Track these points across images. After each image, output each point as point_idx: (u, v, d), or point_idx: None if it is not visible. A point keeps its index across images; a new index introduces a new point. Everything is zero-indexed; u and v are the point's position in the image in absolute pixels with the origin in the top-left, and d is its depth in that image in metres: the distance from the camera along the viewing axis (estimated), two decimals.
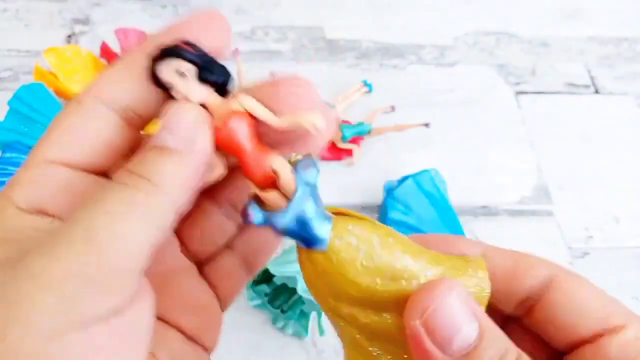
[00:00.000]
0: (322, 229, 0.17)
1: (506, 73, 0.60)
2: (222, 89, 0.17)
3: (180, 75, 0.16)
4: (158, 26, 0.18)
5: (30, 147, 0.45)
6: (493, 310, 0.18)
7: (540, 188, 0.51)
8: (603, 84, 0.60)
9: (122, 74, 0.18)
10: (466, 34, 0.63)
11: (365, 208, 0.48)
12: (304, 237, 0.17)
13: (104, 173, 0.17)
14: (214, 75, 0.16)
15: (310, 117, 0.16)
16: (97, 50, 0.53)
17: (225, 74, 0.17)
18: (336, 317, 0.18)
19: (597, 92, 0.59)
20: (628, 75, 0.61)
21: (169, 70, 0.17)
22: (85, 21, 0.61)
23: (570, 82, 0.60)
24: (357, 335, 0.18)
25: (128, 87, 0.17)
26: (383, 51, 0.60)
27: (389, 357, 0.18)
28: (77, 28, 0.60)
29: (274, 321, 0.41)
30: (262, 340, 0.41)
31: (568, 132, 0.55)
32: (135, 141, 0.18)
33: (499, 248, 0.19)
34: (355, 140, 0.50)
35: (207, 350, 0.20)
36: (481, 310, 0.16)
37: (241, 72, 0.47)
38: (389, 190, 0.45)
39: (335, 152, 0.50)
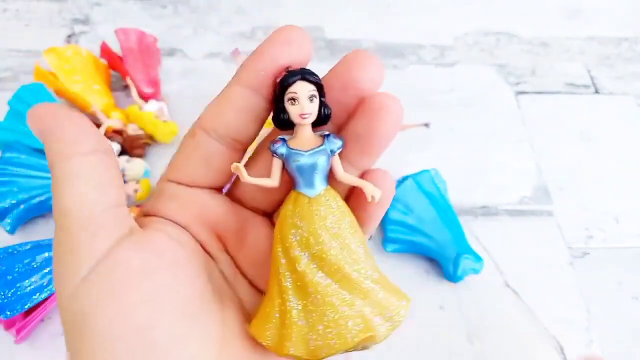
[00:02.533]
0: (319, 182, 0.21)
1: (506, 73, 0.60)
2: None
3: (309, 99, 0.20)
4: (158, 26, 0.18)
5: (30, 147, 0.45)
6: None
7: (540, 188, 0.51)
8: (603, 84, 0.60)
9: (221, 106, 0.21)
10: (466, 34, 0.63)
11: None
12: (304, 178, 0.21)
13: (217, 188, 0.23)
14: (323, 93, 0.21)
15: (370, 188, 0.21)
16: (97, 50, 0.53)
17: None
18: (285, 255, 0.20)
19: (597, 92, 0.59)
20: (628, 75, 0.61)
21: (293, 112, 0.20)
22: (85, 21, 0.61)
23: (570, 82, 0.60)
24: (286, 283, 0.20)
25: (228, 119, 0.21)
26: (383, 51, 0.60)
27: (300, 314, 0.20)
28: (77, 28, 0.60)
29: None
30: None
31: (568, 132, 0.55)
32: (238, 160, 0.22)
33: None
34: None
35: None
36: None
37: None
38: None
39: None
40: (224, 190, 0.23)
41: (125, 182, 0.46)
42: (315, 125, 0.21)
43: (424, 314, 0.42)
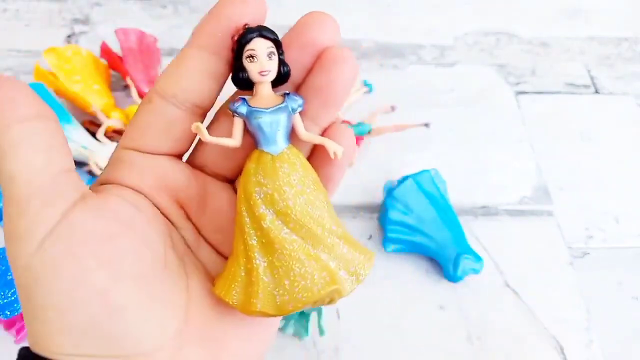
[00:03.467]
0: (281, 140, 0.21)
1: (506, 73, 0.60)
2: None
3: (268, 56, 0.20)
4: (158, 26, 0.18)
5: None
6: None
7: (540, 188, 0.51)
8: (603, 84, 0.60)
9: (179, 71, 0.21)
10: (466, 34, 0.63)
11: (365, 208, 0.48)
12: (266, 136, 0.21)
13: (177, 155, 0.22)
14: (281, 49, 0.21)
15: (333, 145, 0.21)
16: (97, 50, 0.53)
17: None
18: (249, 213, 0.20)
19: (597, 92, 0.59)
20: (628, 75, 0.61)
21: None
22: (85, 21, 0.61)
23: (570, 82, 0.60)
24: (252, 241, 0.20)
25: (186, 83, 0.21)
26: (383, 51, 0.60)
27: (266, 270, 0.20)
28: (77, 28, 0.60)
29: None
30: None
31: (568, 132, 0.55)
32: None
33: None
34: (355, 140, 0.50)
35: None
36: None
37: None
38: (389, 190, 0.45)
39: None
40: (184, 158, 0.23)
41: None
42: (275, 84, 0.21)
43: (424, 314, 0.42)
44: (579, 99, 0.58)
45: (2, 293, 0.37)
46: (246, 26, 0.20)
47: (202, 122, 0.22)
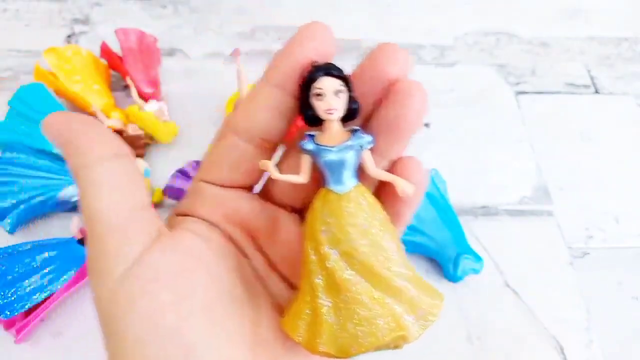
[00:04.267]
0: (348, 178, 0.20)
1: (506, 73, 0.60)
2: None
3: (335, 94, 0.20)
4: (158, 26, 0.19)
5: (30, 147, 0.45)
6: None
7: (540, 188, 0.51)
8: (603, 84, 0.60)
9: (251, 107, 0.22)
10: (466, 34, 0.63)
11: None
12: (333, 175, 0.20)
13: (249, 187, 0.23)
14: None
15: (402, 184, 0.20)
16: (97, 50, 0.53)
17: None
18: (315, 252, 0.20)
19: (597, 92, 0.59)
20: (628, 75, 0.61)
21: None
22: (85, 21, 0.61)
23: (570, 82, 0.60)
24: (317, 280, 0.20)
25: (257, 120, 0.21)
26: None
27: (330, 312, 0.20)
28: (77, 28, 0.60)
29: None
30: None
31: (568, 132, 0.55)
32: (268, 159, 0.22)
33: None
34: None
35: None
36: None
37: (241, 73, 0.47)
38: None
39: None
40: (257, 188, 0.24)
41: None
42: (344, 120, 0.21)
43: None
44: (579, 99, 0.58)
45: (2, 293, 0.37)
46: (314, 64, 0.20)
47: (271, 156, 0.23)
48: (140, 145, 0.49)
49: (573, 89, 0.59)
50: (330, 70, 0.20)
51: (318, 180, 0.21)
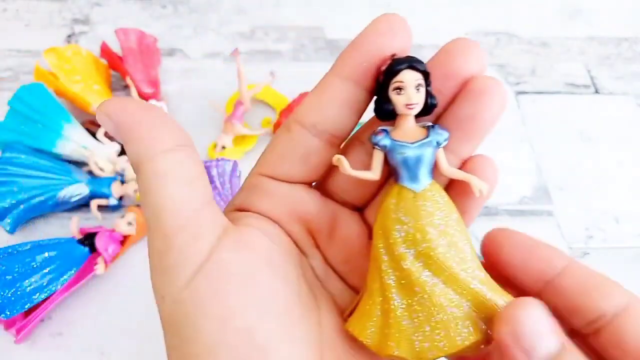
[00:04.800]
0: (424, 176, 0.20)
1: (506, 73, 0.60)
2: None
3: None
4: (158, 26, 0.18)
5: (30, 147, 0.45)
6: (559, 320, 0.19)
7: (540, 188, 0.51)
8: (603, 84, 0.60)
9: (320, 100, 0.21)
10: (466, 34, 0.63)
11: None
12: (410, 171, 0.20)
13: (309, 183, 0.22)
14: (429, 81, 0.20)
15: (477, 182, 0.20)
16: (97, 50, 0.53)
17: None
18: (388, 252, 0.19)
19: (597, 92, 0.59)
20: (628, 75, 0.61)
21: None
22: (85, 21, 0.61)
23: (570, 82, 0.60)
24: (389, 280, 0.19)
25: (327, 113, 0.20)
26: None
27: (404, 313, 0.19)
28: (77, 28, 0.60)
29: None
30: None
31: (568, 132, 0.55)
32: (334, 154, 0.21)
33: (582, 264, 0.20)
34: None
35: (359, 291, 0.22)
36: (560, 329, 0.17)
37: (241, 73, 0.47)
38: None
39: None
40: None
41: (125, 182, 0.46)
42: (419, 115, 0.20)
43: None
44: (579, 99, 0.58)
45: (2, 293, 0.37)
46: (394, 56, 0.20)
47: (338, 151, 0.22)
48: None
49: (573, 89, 0.59)
50: (413, 63, 0.19)
51: (381, 178, 0.21)
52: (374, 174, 0.20)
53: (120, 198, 0.46)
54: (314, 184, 0.23)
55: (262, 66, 0.56)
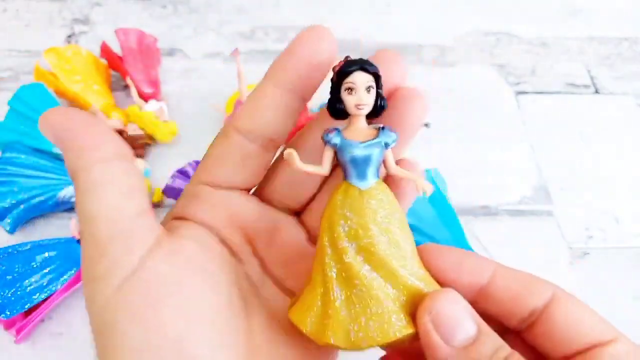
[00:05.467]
0: (371, 174, 0.21)
1: (506, 73, 0.60)
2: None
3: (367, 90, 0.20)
4: (158, 26, 0.19)
5: (30, 147, 0.45)
6: (494, 323, 0.20)
7: (540, 188, 0.51)
8: (603, 84, 0.60)
9: (256, 107, 0.22)
10: (466, 34, 0.63)
11: None
12: (357, 170, 0.20)
13: (248, 189, 0.23)
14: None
15: (422, 182, 0.21)
16: (97, 50, 0.53)
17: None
18: (332, 245, 0.20)
19: (597, 92, 0.59)
20: (628, 75, 0.61)
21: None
22: (85, 21, 0.61)
23: (570, 82, 0.60)
24: (331, 273, 0.20)
25: (262, 119, 0.21)
26: None
27: (343, 304, 0.20)
28: (77, 28, 0.60)
29: None
30: None
31: (568, 132, 0.55)
32: (270, 160, 0.22)
33: (508, 268, 0.21)
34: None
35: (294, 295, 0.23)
36: (477, 314, 0.19)
37: (241, 73, 0.47)
38: None
39: None
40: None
41: None
42: (369, 117, 0.21)
43: None
44: (579, 99, 0.58)
45: (2, 293, 0.37)
46: (347, 58, 0.20)
47: (274, 156, 0.23)
48: (140, 145, 0.49)
49: (573, 89, 0.59)
50: (364, 65, 0.20)
51: (319, 181, 0.21)
52: (324, 169, 0.21)
53: None
54: (252, 190, 0.23)
55: (262, 66, 0.55)
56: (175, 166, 0.45)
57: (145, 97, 0.52)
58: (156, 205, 0.47)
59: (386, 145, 0.21)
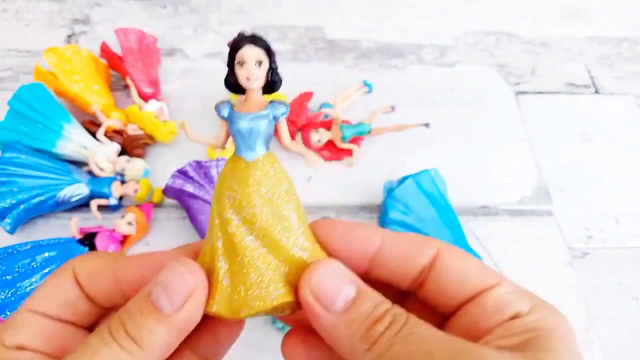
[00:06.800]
0: (259, 147, 0.21)
1: (506, 73, 0.60)
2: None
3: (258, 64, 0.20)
4: (158, 26, 0.19)
5: (30, 147, 0.45)
6: (389, 287, 0.21)
7: (540, 188, 0.51)
8: (603, 84, 0.60)
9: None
10: (466, 34, 0.63)
11: (365, 208, 0.48)
12: (244, 142, 0.21)
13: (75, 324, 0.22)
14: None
15: (314, 158, 0.21)
16: (97, 50, 0.53)
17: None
18: (219, 215, 0.21)
19: (597, 92, 0.59)
20: (628, 75, 0.61)
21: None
22: (85, 21, 0.61)
23: (570, 82, 0.60)
24: (218, 242, 0.21)
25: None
26: (383, 51, 0.60)
27: (226, 274, 0.20)
28: (77, 28, 0.60)
29: (274, 321, 0.41)
30: (262, 340, 0.41)
31: (568, 132, 0.55)
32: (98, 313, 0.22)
33: (396, 233, 0.21)
34: (355, 140, 0.50)
35: None
36: (358, 278, 0.20)
37: None
38: (389, 190, 0.45)
39: (335, 152, 0.50)
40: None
41: (125, 182, 0.46)
42: (267, 91, 0.21)
43: None
44: (579, 99, 0.58)
45: (2, 293, 0.37)
46: (240, 33, 0.21)
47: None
48: (140, 145, 0.49)
49: (573, 89, 0.59)
50: (254, 39, 0.20)
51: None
52: (218, 141, 0.22)
53: (120, 198, 0.46)
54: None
55: None
56: (175, 166, 0.45)
57: (145, 97, 0.52)
58: (156, 205, 0.47)
59: (274, 118, 0.21)
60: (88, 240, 0.41)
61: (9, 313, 0.37)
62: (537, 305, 0.19)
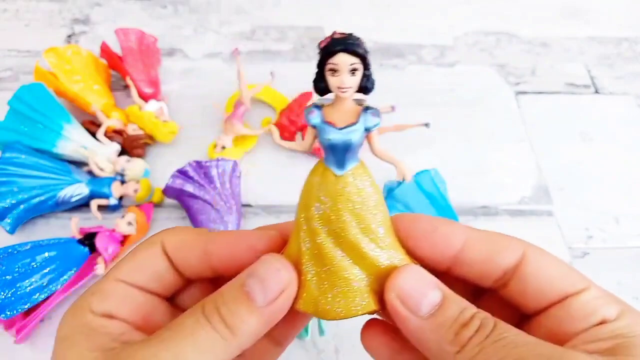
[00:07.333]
0: (349, 159, 0.20)
1: (506, 73, 0.60)
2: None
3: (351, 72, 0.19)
4: (158, 26, 0.19)
5: (30, 147, 0.45)
6: (472, 286, 0.22)
7: (540, 188, 0.51)
8: (603, 84, 0.60)
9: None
10: (466, 34, 0.63)
11: None
12: (334, 155, 0.20)
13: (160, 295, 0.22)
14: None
15: (403, 167, 0.22)
16: (97, 50, 0.53)
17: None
18: (306, 224, 0.21)
19: (597, 92, 0.59)
20: (628, 75, 0.61)
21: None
22: (85, 21, 0.61)
23: (570, 82, 0.60)
24: (306, 246, 0.21)
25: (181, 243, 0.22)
26: (383, 51, 0.60)
27: (314, 278, 0.21)
28: (77, 28, 0.60)
29: None
30: None
31: (568, 132, 0.55)
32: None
33: (479, 231, 0.22)
34: None
35: None
36: (441, 283, 0.20)
37: (241, 72, 0.47)
38: (389, 190, 0.45)
39: None
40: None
41: (125, 182, 0.46)
42: (359, 91, 0.20)
43: None
44: (579, 99, 0.58)
45: (2, 293, 0.37)
46: (334, 34, 0.19)
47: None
48: (140, 145, 0.49)
49: (573, 89, 0.59)
50: (348, 46, 0.19)
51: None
52: (304, 147, 0.21)
53: (120, 198, 0.46)
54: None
55: (262, 66, 0.56)
56: (175, 166, 0.45)
57: (145, 97, 0.52)
58: (156, 205, 0.47)
59: (366, 130, 0.20)
60: (88, 240, 0.41)
61: (8, 313, 0.37)
62: (624, 311, 0.19)
